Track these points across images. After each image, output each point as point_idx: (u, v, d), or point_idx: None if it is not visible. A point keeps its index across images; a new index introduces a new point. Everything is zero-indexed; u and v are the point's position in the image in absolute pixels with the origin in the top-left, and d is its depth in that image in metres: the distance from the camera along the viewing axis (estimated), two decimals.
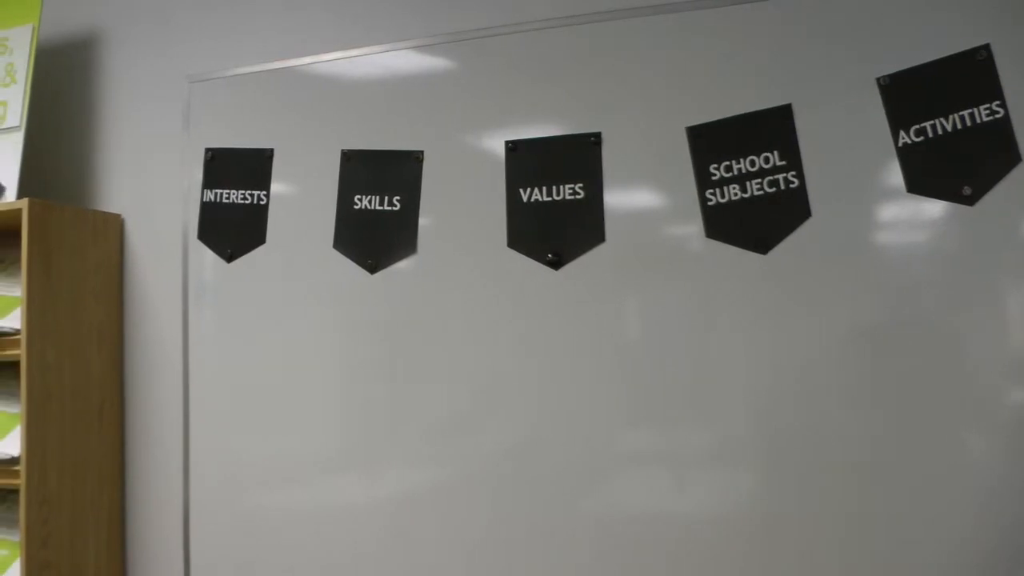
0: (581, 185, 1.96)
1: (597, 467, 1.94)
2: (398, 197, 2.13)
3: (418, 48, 2.16)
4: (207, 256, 2.36)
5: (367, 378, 2.16)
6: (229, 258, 2.32)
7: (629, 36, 1.97)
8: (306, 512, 2.22)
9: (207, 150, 2.37)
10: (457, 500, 2.06)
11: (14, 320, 2.34)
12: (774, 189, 1.83)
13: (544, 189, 2.00)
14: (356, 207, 2.17)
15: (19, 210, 2.28)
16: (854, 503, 1.75)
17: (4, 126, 2.48)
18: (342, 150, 2.20)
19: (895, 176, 1.75)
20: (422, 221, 2.11)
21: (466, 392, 2.06)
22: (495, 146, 2.05)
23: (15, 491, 2.34)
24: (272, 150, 2.28)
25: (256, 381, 2.29)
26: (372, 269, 2.15)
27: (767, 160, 1.83)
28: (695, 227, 1.88)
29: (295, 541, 2.23)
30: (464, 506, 2.05)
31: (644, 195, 1.94)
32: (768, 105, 1.84)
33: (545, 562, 1.98)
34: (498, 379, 2.03)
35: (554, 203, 1.99)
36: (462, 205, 2.08)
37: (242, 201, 2.31)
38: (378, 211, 2.15)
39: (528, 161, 2.02)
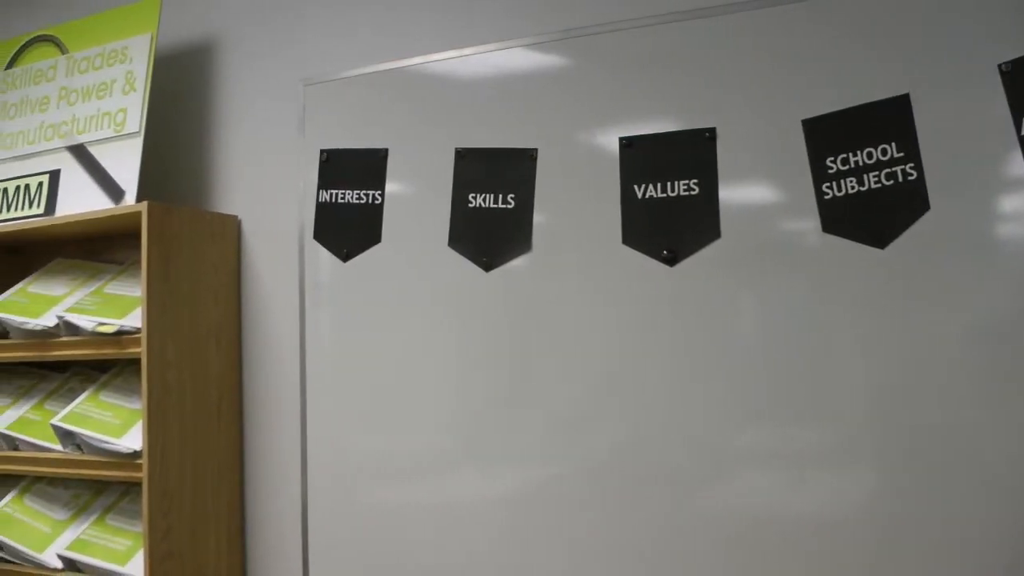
0: (696, 181, 2.01)
1: (712, 466, 1.98)
2: (512, 195, 2.21)
3: (529, 46, 2.23)
4: (323, 256, 2.48)
5: (481, 376, 2.25)
6: (345, 257, 2.44)
7: (741, 29, 2.00)
8: (420, 509, 2.32)
9: (322, 151, 2.49)
10: (570, 498, 2.13)
11: (135, 319, 2.48)
12: (892, 182, 1.84)
13: (658, 185, 2.05)
14: (471, 205, 2.26)
15: (139, 213, 2.43)
16: (981, 506, 1.76)
17: (124, 132, 2.67)
18: (456, 149, 2.28)
19: (1018, 166, 1.75)
20: (536, 219, 2.18)
21: (580, 389, 2.13)
22: (609, 143, 2.11)
23: (138, 484, 2.49)
24: (386, 150, 2.39)
25: (372, 379, 2.40)
26: (487, 267, 2.24)
27: (884, 152, 1.85)
28: (812, 222, 1.91)
29: (410, 537, 2.33)
30: (577, 505, 2.12)
31: (759, 190, 1.97)
32: (885, 95, 1.86)
33: (658, 562, 2.03)
34: (613, 376, 2.09)
35: (668, 199, 2.04)
36: (576, 202, 2.14)
37: (357, 201, 2.43)
38: (492, 209, 2.23)
39: (642, 157, 2.07)
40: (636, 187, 2.08)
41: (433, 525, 2.31)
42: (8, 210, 2.91)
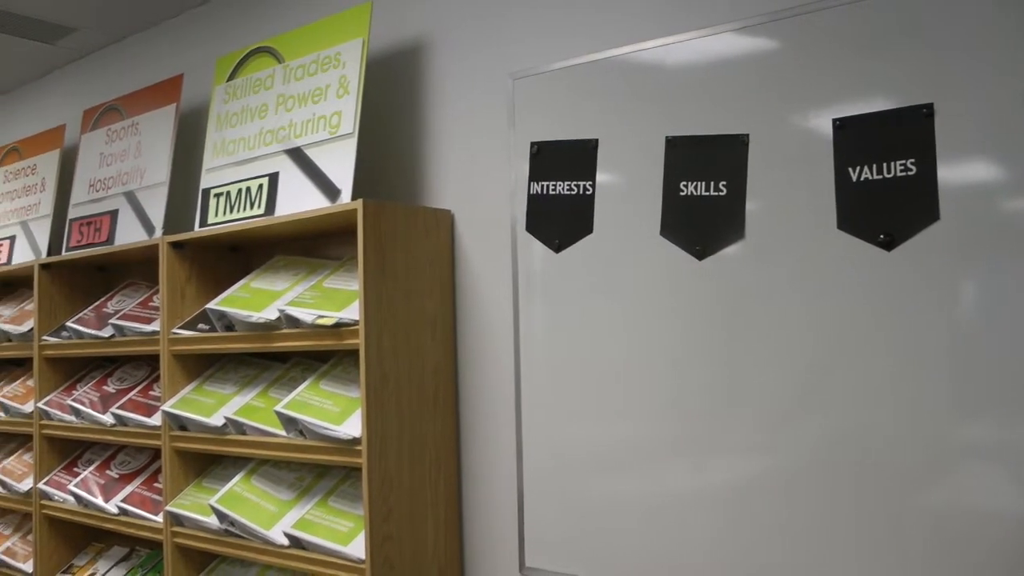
0: (912, 160, 2.00)
1: (931, 460, 1.98)
2: (724, 182, 2.27)
3: (738, 30, 2.28)
4: (535, 247, 2.63)
5: (695, 365, 2.33)
6: (557, 248, 2.58)
7: (958, 2, 1.98)
8: (635, 499, 2.42)
9: (532, 144, 2.64)
10: (784, 492, 2.18)
11: (353, 312, 2.68)
12: None
13: (874, 167, 2.05)
14: (682, 193, 2.33)
15: (354, 210, 2.64)
16: None
17: (339, 134, 2.90)
18: (666, 137, 2.37)
19: None
20: (749, 205, 2.24)
21: (795, 380, 2.17)
22: (821, 125, 2.13)
23: (358, 469, 2.72)
24: (596, 140, 2.51)
25: (584, 368, 2.52)
26: (700, 256, 2.31)
27: None
28: None
29: (625, 527, 2.43)
30: (791, 498, 2.16)
31: (982, 168, 1.94)
32: None
33: (874, 556, 2.05)
34: (828, 366, 2.12)
35: (884, 181, 2.04)
36: (789, 187, 2.18)
37: (568, 192, 2.56)
38: (704, 197, 2.30)
39: (856, 138, 2.09)
40: (850, 169, 2.10)
41: (646, 516, 2.40)
42: (231, 211, 3.20)
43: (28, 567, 3.98)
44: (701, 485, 2.31)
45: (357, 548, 2.59)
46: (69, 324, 3.77)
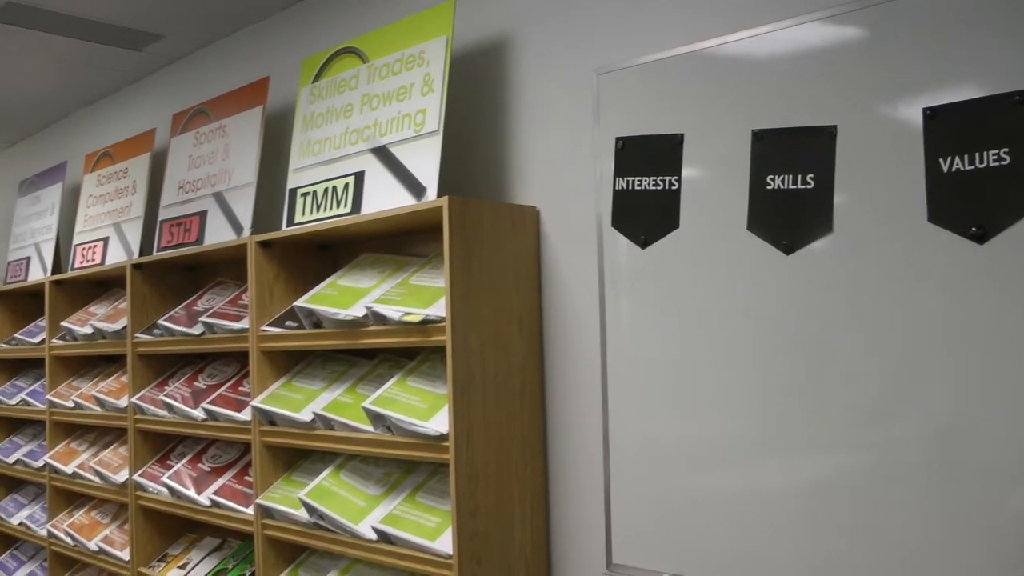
0: (1006, 150, 1.97)
1: None
2: (811, 175, 2.25)
3: (824, 19, 2.25)
4: (621, 243, 2.64)
5: (783, 361, 2.31)
6: (643, 244, 2.59)
7: None
8: (722, 496, 2.42)
9: (617, 139, 2.66)
10: (876, 490, 2.15)
11: (439, 309, 2.71)
12: None
13: (966, 157, 2.03)
14: (769, 187, 2.33)
15: (440, 208, 2.68)
16: None
17: (424, 132, 2.95)
18: (752, 130, 2.36)
19: None
20: (837, 198, 2.22)
21: (886, 377, 2.14)
22: (911, 114, 2.10)
23: (445, 464, 2.76)
24: (682, 135, 2.51)
25: (671, 365, 2.53)
26: (788, 250, 2.30)
27: None
28: None
29: (712, 525, 2.44)
30: (883, 497, 2.14)
31: None
32: None
33: (967, 561, 2.01)
34: (920, 363, 2.09)
35: (977, 171, 2.01)
36: (877, 179, 2.15)
37: (654, 187, 2.57)
38: (792, 190, 2.29)
39: (947, 128, 2.05)
40: (941, 160, 2.07)
41: (733, 514, 2.41)
42: (318, 210, 3.27)
43: (125, 555, 4.13)
44: (790, 483, 2.30)
45: (445, 543, 2.64)
46: (161, 322, 3.89)
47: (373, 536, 2.81)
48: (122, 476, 4.14)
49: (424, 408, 2.75)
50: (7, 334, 5.54)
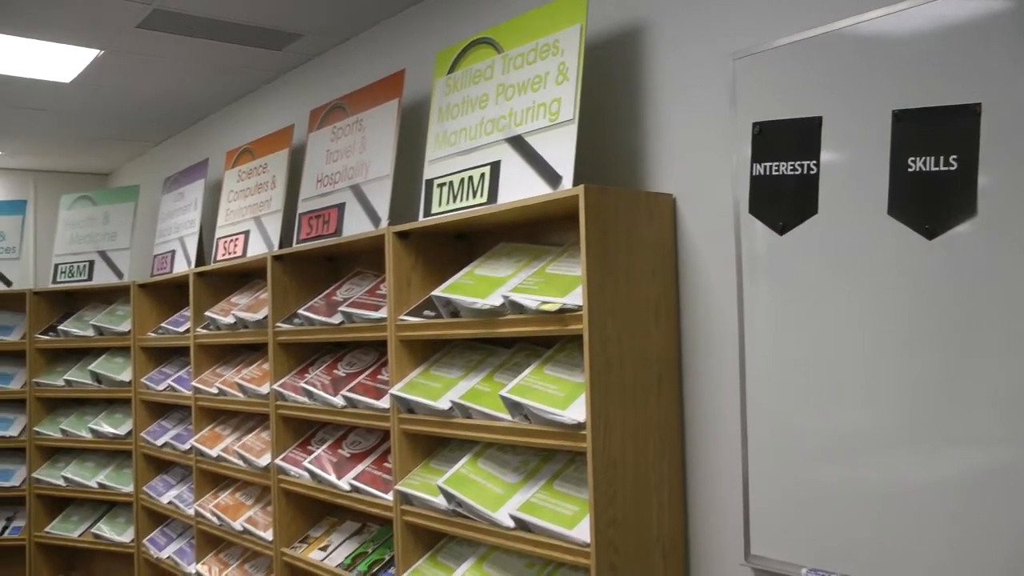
0: None
1: None
2: (954, 156, 2.21)
3: None
4: (759, 229, 2.64)
5: (927, 350, 2.27)
6: (781, 230, 2.58)
7: None
8: (863, 489, 2.40)
9: (754, 124, 2.65)
10: (1022, 487, 2.10)
11: (576, 297, 2.75)
12: None
13: None
14: (910, 169, 2.29)
15: (576, 196, 2.70)
16: None
17: (559, 120, 2.99)
18: (892, 111, 2.33)
19: None
20: (981, 180, 2.16)
21: None
22: None
23: (583, 453, 2.78)
24: (820, 118, 2.49)
25: (810, 353, 2.52)
26: (930, 235, 2.25)
27: None
28: None
29: (853, 518, 2.42)
30: None
31: None
32: None
33: None
34: None
35: None
36: None
37: (792, 172, 2.56)
38: (933, 172, 2.24)
39: None
40: None
41: (875, 507, 2.38)
42: (455, 200, 3.35)
43: (268, 535, 4.34)
44: (935, 477, 2.26)
45: (582, 532, 2.67)
46: (301, 312, 4.03)
47: (511, 524, 2.87)
48: (264, 460, 4.32)
49: (561, 396, 2.79)
50: (154, 324, 5.83)
